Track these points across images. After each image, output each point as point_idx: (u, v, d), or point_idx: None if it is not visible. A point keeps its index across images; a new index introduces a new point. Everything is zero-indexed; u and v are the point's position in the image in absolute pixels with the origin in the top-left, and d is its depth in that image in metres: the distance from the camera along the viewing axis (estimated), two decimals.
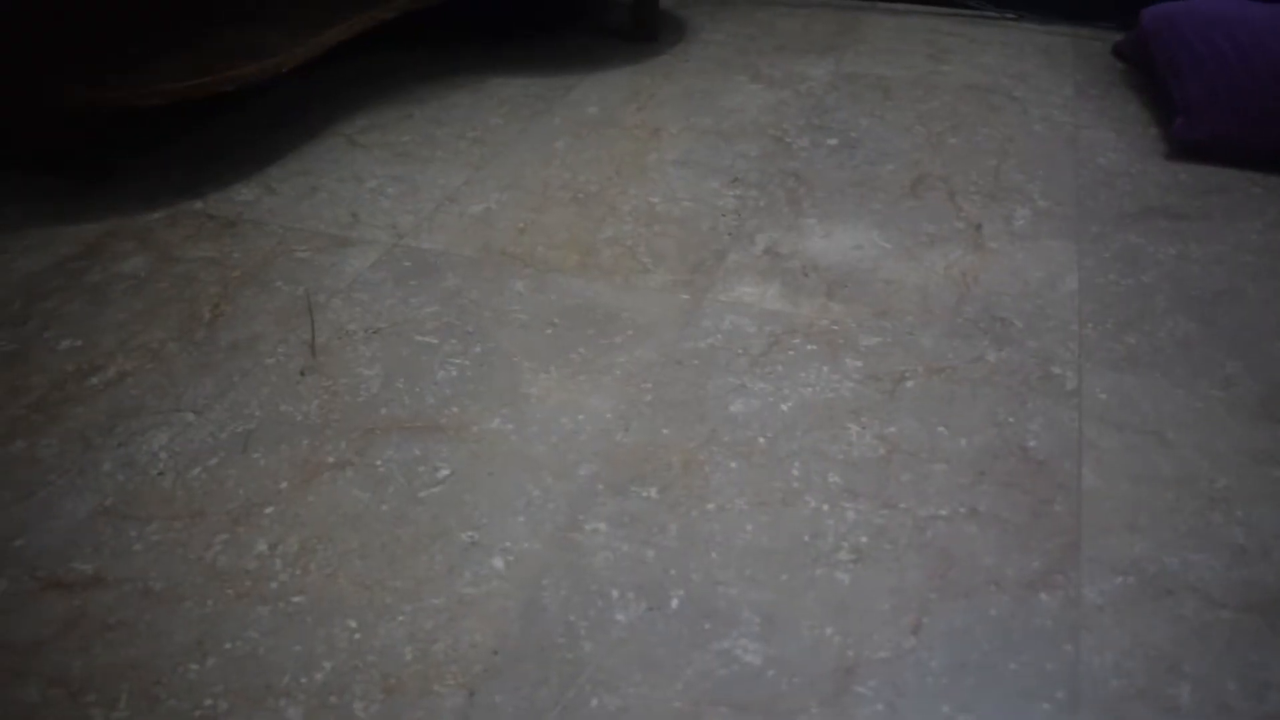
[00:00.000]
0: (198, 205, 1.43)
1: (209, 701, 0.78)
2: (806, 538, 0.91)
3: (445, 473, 0.98)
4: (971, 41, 2.05)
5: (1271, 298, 1.24)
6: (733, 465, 0.99)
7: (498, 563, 0.89)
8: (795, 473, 0.98)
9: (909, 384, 1.09)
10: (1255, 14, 1.64)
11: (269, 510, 0.94)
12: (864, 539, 0.91)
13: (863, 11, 2.21)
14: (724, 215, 1.40)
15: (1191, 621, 0.84)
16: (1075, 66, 1.94)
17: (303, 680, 0.79)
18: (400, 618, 0.84)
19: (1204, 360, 1.14)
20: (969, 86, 1.83)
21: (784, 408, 1.06)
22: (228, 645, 0.82)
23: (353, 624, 0.84)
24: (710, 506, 0.94)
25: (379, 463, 0.99)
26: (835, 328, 1.18)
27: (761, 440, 1.02)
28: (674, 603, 0.85)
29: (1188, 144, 1.59)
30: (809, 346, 1.15)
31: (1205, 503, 0.95)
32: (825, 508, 0.94)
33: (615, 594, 0.86)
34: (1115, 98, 1.80)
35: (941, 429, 1.03)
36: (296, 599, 0.86)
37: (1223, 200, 1.46)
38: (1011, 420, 1.05)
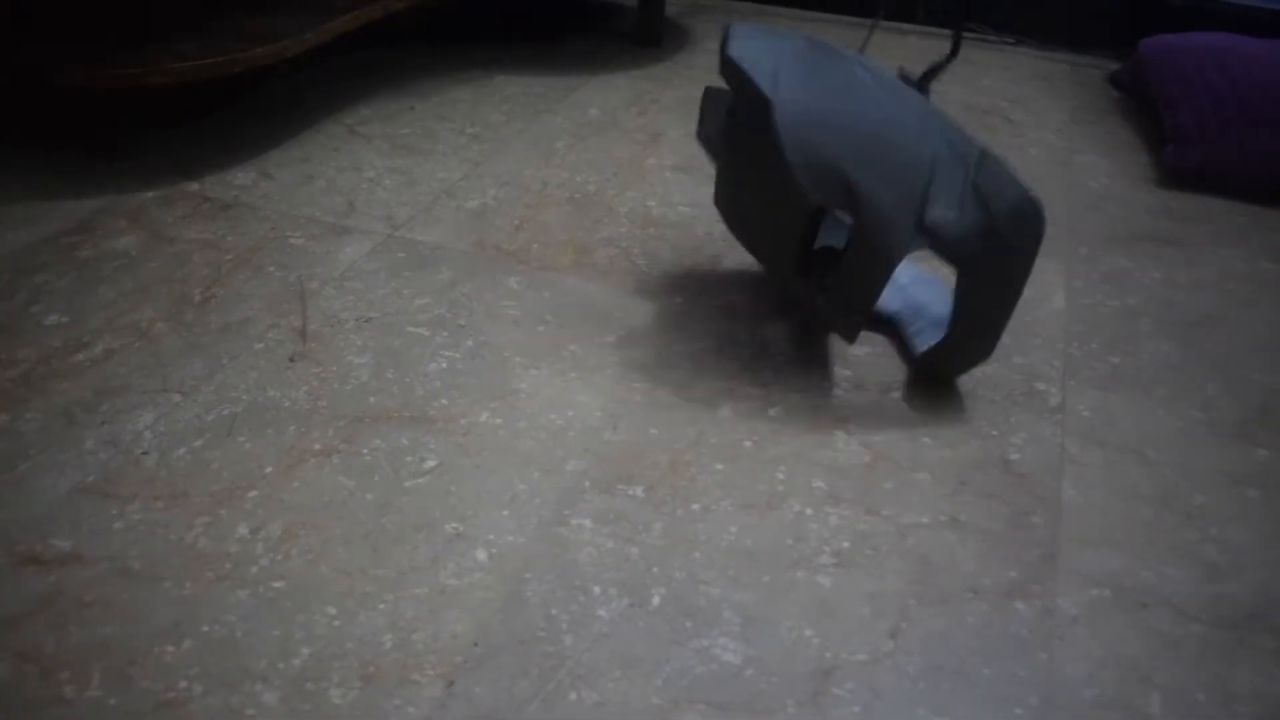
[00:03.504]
0: (193, 187, 1.43)
1: (183, 684, 0.77)
2: (789, 541, 0.92)
3: (432, 464, 0.98)
4: (971, 63, 2.06)
5: (1253, 324, 1.26)
6: (719, 467, 0.99)
7: (481, 555, 0.89)
8: (780, 476, 0.99)
9: (895, 394, 1.10)
10: (1250, 48, 1.66)
11: (252, 494, 0.94)
12: (846, 544, 0.92)
13: (866, 29, 2.23)
14: (719, 221, 1.41)
15: (1164, 634, 0.85)
16: (1071, 92, 1.95)
17: (280, 665, 0.79)
18: (381, 606, 0.84)
19: (1185, 382, 1.15)
20: (966, 107, 1.84)
21: (771, 412, 1.07)
22: (205, 628, 0.82)
23: (332, 611, 0.84)
24: (695, 507, 0.95)
25: (365, 451, 0.99)
26: (826, 336, 1.18)
27: (748, 444, 1.02)
28: (656, 600, 0.86)
29: (1177, 172, 1.61)
30: (799, 354, 1.15)
31: (1181, 520, 0.96)
32: (809, 512, 0.95)
33: (598, 590, 0.86)
34: (1109, 124, 1.82)
35: (926, 439, 1.04)
36: (277, 584, 0.85)
37: (1209, 228, 1.48)
38: (995, 433, 1.05)
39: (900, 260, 1.00)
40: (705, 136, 1.22)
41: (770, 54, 1.02)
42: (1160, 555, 0.93)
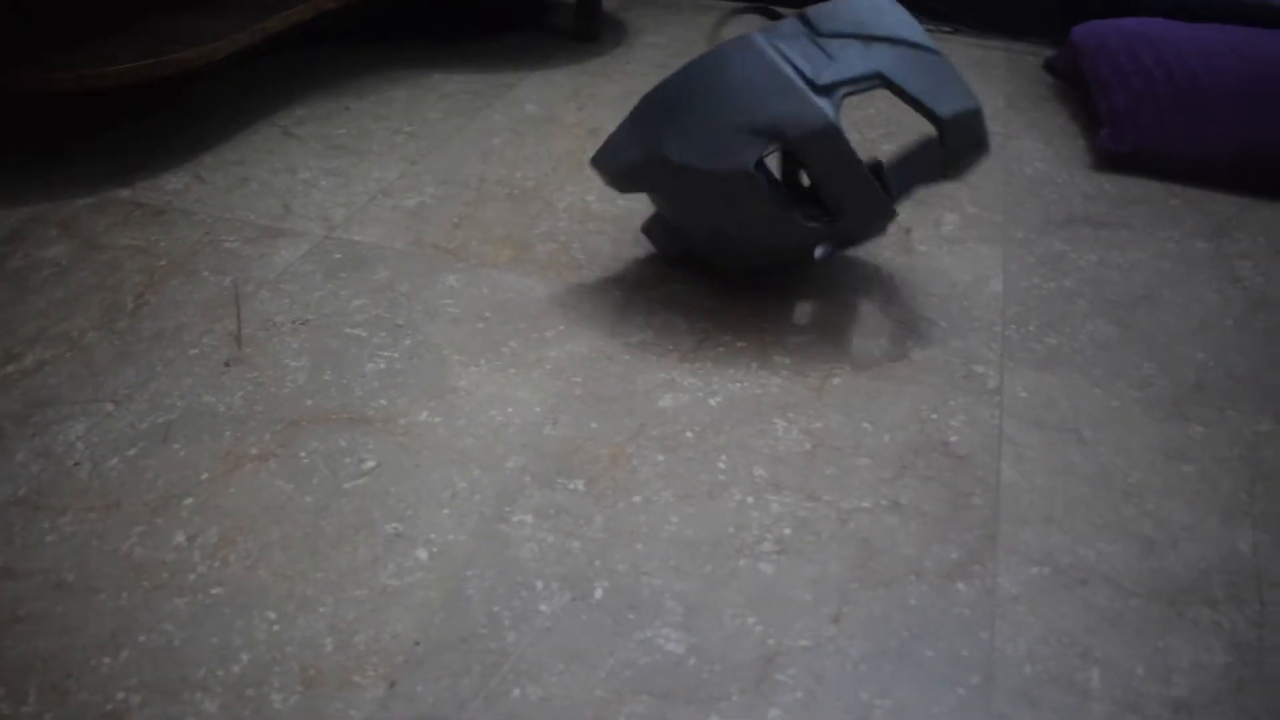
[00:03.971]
0: (125, 193, 1.40)
1: (121, 695, 0.76)
2: (731, 529, 0.92)
3: (371, 464, 0.97)
4: None
5: (1186, 303, 1.28)
6: (660, 459, 0.99)
7: (422, 554, 0.88)
8: (721, 466, 0.99)
9: (835, 380, 1.10)
10: (1180, 33, 1.69)
11: (189, 501, 0.92)
12: (787, 530, 0.92)
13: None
14: None
15: (1103, 610, 0.86)
16: (1007, 79, 1.97)
17: (219, 673, 0.78)
18: (321, 609, 0.83)
19: (1121, 361, 1.16)
20: None
21: (712, 402, 1.07)
22: (142, 638, 0.80)
23: (272, 615, 0.82)
24: (637, 499, 0.94)
25: (303, 454, 0.98)
26: (765, 325, 1.19)
27: (689, 434, 1.02)
28: (598, 593, 0.85)
29: (1112, 155, 1.63)
30: (739, 344, 1.15)
31: (1119, 497, 0.98)
32: (750, 500, 0.95)
33: (540, 585, 0.86)
34: (1045, 110, 1.84)
35: (866, 424, 1.05)
36: (215, 591, 0.84)
37: (1143, 210, 1.50)
38: (934, 416, 1.06)
39: (841, 125, 1.07)
40: (665, 248, 1.29)
41: (621, 144, 1.15)
42: (1098, 532, 0.94)
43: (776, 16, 1.13)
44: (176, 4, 1.57)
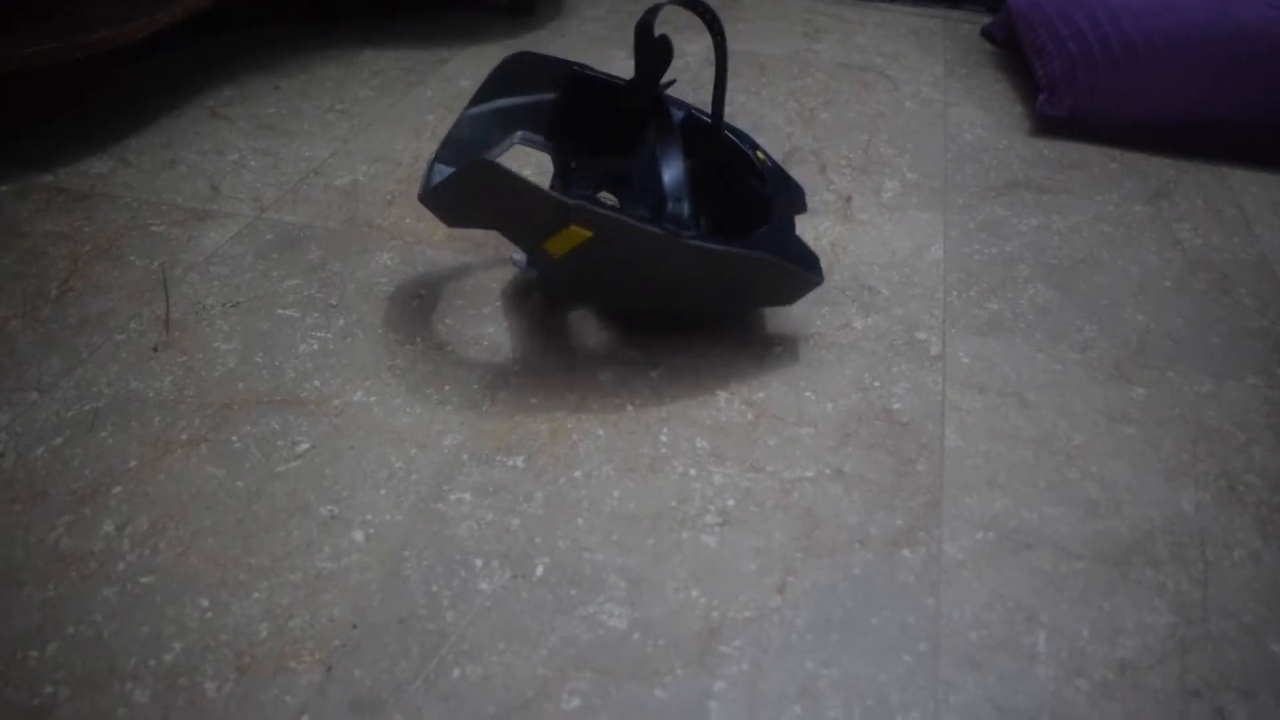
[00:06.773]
0: (48, 178, 1.36)
1: (49, 689, 0.73)
2: (674, 502, 0.91)
3: (305, 447, 0.95)
4: (846, 21, 2.07)
5: (1126, 265, 1.28)
6: (600, 433, 0.98)
7: (358, 536, 0.86)
8: (663, 439, 0.97)
9: (777, 350, 1.09)
10: None
11: (117, 490, 0.90)
12: (731, 502, 0.91)
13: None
14: None
15: (1048, 573, 0.86)
16: (946, 47, 1.97)
17: (150, 662, 0.76)
18: (255, 595, 0.81)
19: (1062, 325, 1.16)
20: (843, 65, 1.85)
21: (653, 375, 1.05)
22: (70, 630, 0.78)
23: (204, 603, 0.80)
24: (577, 474, 0.93)
25: (235, 438, 0.95)
26: None
27: (630, 407, 1.01)
28: (539, 570, 0.84)
29: (1050, 120, 1.64)
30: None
31: (1062, 460, 0.98)
32: (693, 472, 0.94)
33: (479, 563, 0.84)
34: (983, 77, 1.84)
35: (809, 393, 1.04)
36: (145, 579, 0.82)
37: (1082, 174, 1.51)
38: (877, 384, 1.06)
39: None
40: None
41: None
42: (1042, 495, 0.94)
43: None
44: None
